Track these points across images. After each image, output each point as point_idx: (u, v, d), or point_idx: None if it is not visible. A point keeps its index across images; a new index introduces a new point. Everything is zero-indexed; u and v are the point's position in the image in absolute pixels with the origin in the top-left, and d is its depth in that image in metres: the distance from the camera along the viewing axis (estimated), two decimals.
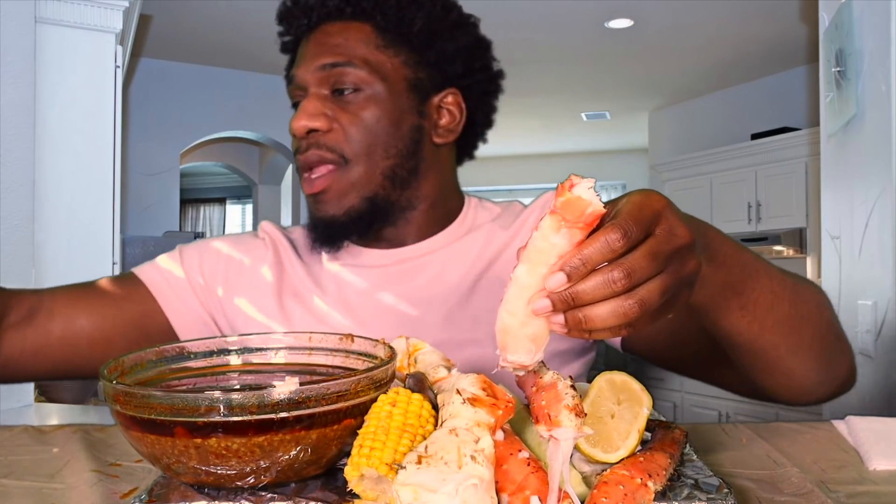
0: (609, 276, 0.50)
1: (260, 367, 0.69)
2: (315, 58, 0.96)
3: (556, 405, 0.51)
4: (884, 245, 1.75)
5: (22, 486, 0.65)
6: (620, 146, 7.68)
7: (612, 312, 0.51)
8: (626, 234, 0.51)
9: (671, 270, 0.53)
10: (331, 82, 0.95)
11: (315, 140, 0.94)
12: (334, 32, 0.98)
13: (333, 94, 0.96)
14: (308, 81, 0.96)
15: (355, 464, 0.50)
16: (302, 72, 0.97)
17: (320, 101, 0.95)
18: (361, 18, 0.98)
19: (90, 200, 2.50)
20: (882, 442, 0.76)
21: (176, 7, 4.02)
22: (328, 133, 0.94)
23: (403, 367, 0.65)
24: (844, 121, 2.03)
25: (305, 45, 0.99)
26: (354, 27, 0.98)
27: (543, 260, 0.51)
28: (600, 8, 4.03)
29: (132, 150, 4.92)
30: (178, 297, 1.01)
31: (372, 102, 0.95)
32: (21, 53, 2.29)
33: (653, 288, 0.52)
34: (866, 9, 1.87)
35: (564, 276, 0.50)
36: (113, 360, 0.61)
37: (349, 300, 1.01)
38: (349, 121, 0.94)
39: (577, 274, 0.50)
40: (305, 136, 0.95)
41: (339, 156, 0.94)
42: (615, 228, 0.51)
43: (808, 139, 4.46)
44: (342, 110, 0.95)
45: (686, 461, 0.60)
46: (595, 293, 0.50)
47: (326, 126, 0.94)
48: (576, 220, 0.50)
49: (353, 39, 0.97)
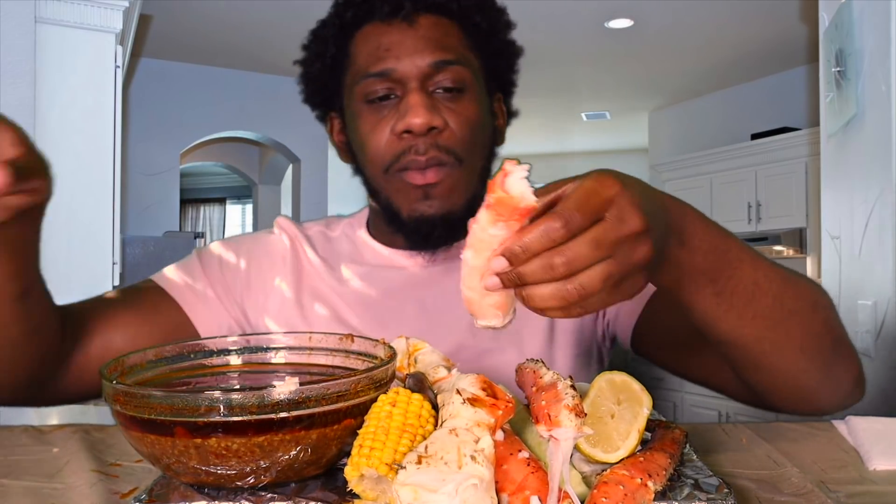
0: (550, 261, 0.52)
1: (260, 367, 0.69)
2: (423, 54, 0.91)
3: (556, 405, 0.51)
4: (884, 245, 1.75)
5: (22, 486, 0.65)
6: (620, 146, 7.68)
7: (552, 294, 0.53)
8: (567, 223, 0.52)
9: (618, 257, 0.54)
10: (438, 80, 0.92)
11: (433, 139, 0.90)
12: (433, 27, 0.94)
13: (435, 92, 0.92)
14: (413, 77, 0.91)
15: (355, 464, 0.50)
16: (408, 67, 0.91)
17: (429, 97, 0.91)
18: (450, 16, 0.96)
19: (90, 200, 2.51)
20: (882, 442, 0.75)
21: (176, 7, 4.02)
22: (443, 132, 0.91)
23: (403, 367, 0.65)
24: (844, 121, 2.03)
25: (392, 35, 0.93)
26: (448, 24, 0.95)
27: (486, 246, 0.54)
28: (600, 8, 4.03)
29: (132, 150, 4.91)
30: (204, 307, 0.98)
31: (474, 102, 0.94)
32: (21, 53, 2.29)
33: (594, 274, 0.53)
34: (866, 9, 1.87)
35: (506, 262, 0.53)
36: (113, 360, 0.61)
37: (371, 301, 0.99)
38: (457, 120, 0.92)
39: (518, 260, 0.52)
40: (424, 134, 0.90)
41: (454, 156, 0.91)
42: (556, 217, 0.52)
43: (808, 139, 4.46)
44: (449, 109, 0.92)
45: (686, 461, 0.60)
46: (536, 276, 0.52)
47: (443, 124, 0.91)
48: (509, 216, 0.52)
49: (451, 36, 0.95)
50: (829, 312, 0.79)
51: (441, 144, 0.90)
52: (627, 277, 0.55)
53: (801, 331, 0.75)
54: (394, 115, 0.91)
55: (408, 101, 0.90)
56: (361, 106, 0.94)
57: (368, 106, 0.93)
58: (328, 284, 1.01)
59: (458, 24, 0.96)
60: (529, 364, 0.59)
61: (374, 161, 0.94)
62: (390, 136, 0.92)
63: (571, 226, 0.52)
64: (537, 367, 0.58)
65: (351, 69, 0.97)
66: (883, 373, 1.77)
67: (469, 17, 0.96)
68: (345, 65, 0.98)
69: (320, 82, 1.02)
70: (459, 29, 0.96)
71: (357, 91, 0.94)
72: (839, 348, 0.80)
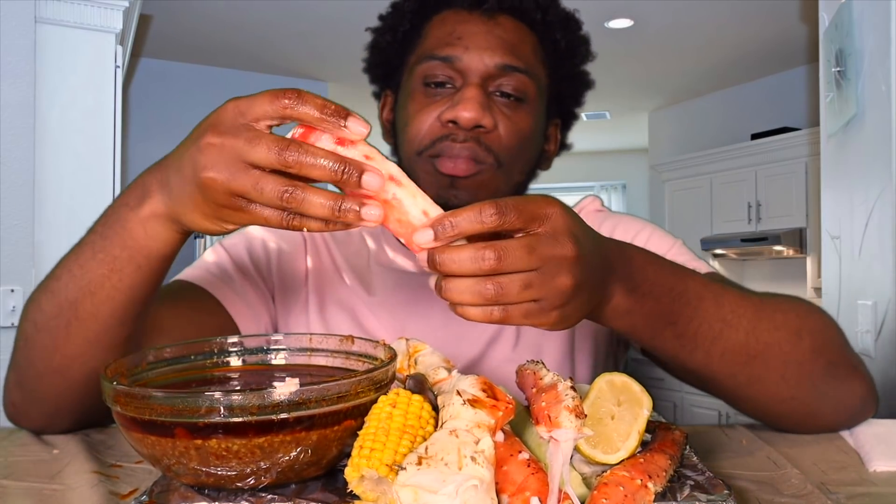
0: (481, 252, 0.52)
1: (260, 368, 0.69)
2: (494, 53, 0.90)
3: (557, 406, 0.51)
4: (884, 245, 1.75)
5: (22, 487, 0.65)
6: (620, 146, 7.67)
7: (468, 287, 0.53)
8: (501, 212, 0.52)
9: (543, 273, 0.54)
10: (501, 83, 0.91)
11: (476, 136, 0.89)
12: (511, 30, 0.92)
13: (493, 94, 0.91)
14: (477, 72, 0.90)
15: (355, 465, 0.50)
16: (475, 61, 0.90)
17: (486, 96, 0.90)
18: (531, 25, 0.94)
19: (90, 200, 2.50)
20: (882, 444, 0.75)
21: (176, 7, 4.01)
22: (489, 133, 0.89)
23: (404, 369, 0.65)
24: (844, 121, 2.03)
25: (469, 25, 0.92)
26: (527, 32, 0.94)
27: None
28: (600, 8, 4.03)
29: (132, 150, 4.91)
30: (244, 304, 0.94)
31: (529, 115, 0.93)
32: (21, 53, 2.29)
33: (515, 279, 0.53)
34: (866, 9, 1.86)
35: (432, 233, 0.53)
36: (113, 361, 0.61)
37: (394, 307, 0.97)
38: (508, 127, 0.90)
39: (444, 234, 0.53)
40: (470, 129, 0.88)
41: (494, 157, 0.90)
42: (491, 204, 0.53)
43: (808, 139, 4.46)
44: (502, 114, 0.90)
45: (686, 462, 0.60)
46: (463, 264, 0.52)
47: (492, 126, 0.89)
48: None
49: (527, 44, 0.93)
50: (819, 337, 0.76)
51: (484, 143, 0.89)
52: (549, 301, 0.55)
53: (780, 361, 0.73)
54: (446, 103, 0.90)
55: (463, 93, 0.89)
56: (419, 86, 0.93)
57: (425, 88, 0.92)
58: (349, 288, 1.00)
59: (537, 35, 0.95)
60: (530, 365, 0.59)
61: (412, 141, 0.92)
62: (435, 122, 0.90)
63: (505, 217, 0.52)
64: (537, 368, 0.58)
65: (419, 49, 0.95)
66: (883, 373, 1.76)
67: (550, 32, 0.95)
68: (415, 44, 0.96)
69: (386, 55, 1.01)
70: (537, 41, 0.95)
71: (418, 71, 0.93)
72: (835, 371, 0.77)
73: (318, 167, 0.53)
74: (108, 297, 0.68)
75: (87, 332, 0.70)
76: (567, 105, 1.03)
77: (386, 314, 0.97)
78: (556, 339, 0.97)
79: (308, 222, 0.56)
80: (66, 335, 0.70)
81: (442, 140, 0.89)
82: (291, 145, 0.53)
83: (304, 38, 4.31)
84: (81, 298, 0.68)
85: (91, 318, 0.69)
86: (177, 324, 0.83)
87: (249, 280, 0.97)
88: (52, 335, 0.71)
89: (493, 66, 0.90)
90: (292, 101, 0.54)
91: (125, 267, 0.66)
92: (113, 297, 0.68)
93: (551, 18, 0.95)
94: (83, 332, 0.70)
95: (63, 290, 0.69)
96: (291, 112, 0.54)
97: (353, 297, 0.99)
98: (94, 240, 0.67)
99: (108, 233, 0.66)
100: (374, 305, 0.98)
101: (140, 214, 0.64)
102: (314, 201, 0.54)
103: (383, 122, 1.03)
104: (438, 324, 0.95)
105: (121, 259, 0.66)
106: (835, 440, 0.81)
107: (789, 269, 4.96)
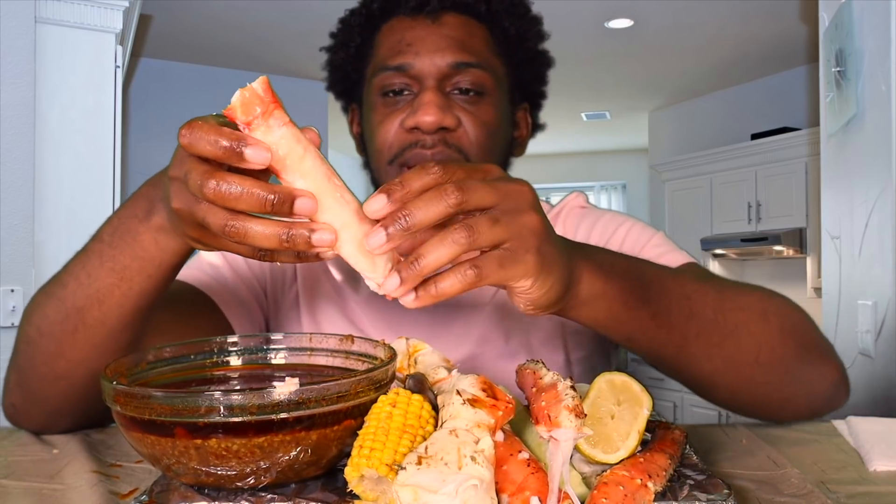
0: (443, 188, 0.50)
1: (260, 367, 0.69)
2: (444, 53, 0.91)
3: (557, 406, 0.51)
4: (884, 245, 1.75)
5: (22, 487, 0.65)
6: (620, 146, 7.67)
7: (440, 242, 0.50)
8: (446, 167, 0.51)
9: (507, 210, 0.52)
10: (457, 80, 0.91)
11: (442, 138, 0.90)
12: (458, 27, 0.93)
13: (452, 93, 0.91)
14: (431, 75, 0.91)
15: (355, 464, 0.50)
16: (427, 65, 0.91)
17: (444, 97, 0.90)
18: (477, 17, 0.94)
19: (90, 200, 2.50)
20: (882, 443, 0.75)
21: (176, 7, 4.01)
22: (454, 132, 0.90)
23: (403, 368, 0.65)
24: (844, 121, 2.03)
25: (415, 31, 0.93)
26: (475, 25, 0.94)
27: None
28: (600, 8, 4.03)
29: (132, 150, 4.91)
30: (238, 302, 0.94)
31: (491, 107, 0.93)
32: (21, 53, 2.29)
33: (482, 216, 0.51)
34: (866, 9, 1.86)
35: (384, 196, 0.50)
36: (112, 361, 0.61)
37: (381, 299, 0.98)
38: (471, 123, 0.91)
39: (396, 193, 0.50)
40: (433, 133, 0.89)
41: (464, 156, 0.91)
42: (435, 163, 0.52)
43: (808, 139, 4.46)
44: (464, 111, 0.91)
45: (686, 462, 0.60)
46: (429, 203, 0.49)
47: (455, 125, 0.90)
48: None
49: (477, 38, 0.93)
50: (787, 320, 0.76)
51: (451, 143, 0.90)
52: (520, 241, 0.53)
53: (753, 342, 0.73)
54: (406, 110, 0.91)
55: (421, 98, 0.90)
56: (377, 98, 0.94)
57: (383, 98, 0.93)
58: (338, 285, 1.00)
59: (486, 26, 0.95)
60: (529, 365, 0.59)
61: (381, 151, 0.93)
62: (399, 130, 0.91)
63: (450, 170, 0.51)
64: (537, 367, 0.58)
65: (373, 61, 0.96)
66: (883, 373, 1.76)
67: (498, 21, 0.95)
68: (368, 56, 0.97)
69: (343, 72, 1.02)
70: (487, 32, 0.95)
71: (375, 83, 0.94)
72: (808, 355, 0.78)
73: (243, 198, 0.49)
74: (116, 304, 0.68)
75: (93, 337, 0.70)
76: (531, 87, 1.03)
77: (375, 311, 0.98)
78: (545, 336, 0.98)
79: (277, 255, 0.55)
80: (72, 341, 0.70)
81: (411, 148, 0.91)
82: (214, 176, 0.50)
83: (304, 38, 4.31)
84: (89, 306, 0.68)
85: (99, 325, 0.69)
86: (173, 327, 0.83)
87: (242, 278, 0.98)
88: (57, 341, 0.71)
89: (446, 66, 0.91)
90: (186, 141, 0.51)
91: (135, 276, 0.66)
92: (122, 305, 0.68)
93: (496, 7, 0.95)
94: (90, 338, 0.70)
95: (70, 298, 0.69)
96: (194, 151, 0.51)
97: (342, 294, 1.00)
98: (102, 249, 0.67)
99: (118, 242, 0.66)
100: (362, 302, 0.99)
101: (150, 226, 0.64)
102: (256, 232, 0.50)
103: (354, 135, 1.04)
104: (428, 321, 0.95)
105: (131, 269, 0.66)
106: (835, 439, 0.81)
107: (789, 270, 4.96)
